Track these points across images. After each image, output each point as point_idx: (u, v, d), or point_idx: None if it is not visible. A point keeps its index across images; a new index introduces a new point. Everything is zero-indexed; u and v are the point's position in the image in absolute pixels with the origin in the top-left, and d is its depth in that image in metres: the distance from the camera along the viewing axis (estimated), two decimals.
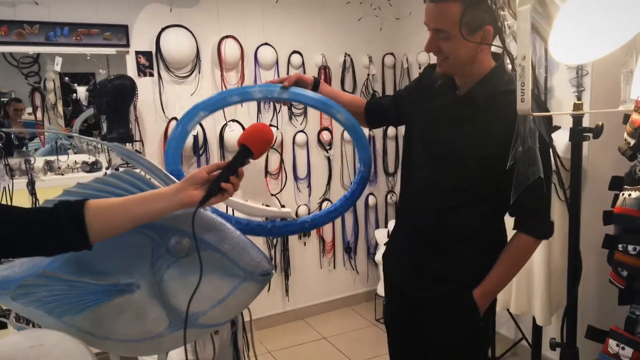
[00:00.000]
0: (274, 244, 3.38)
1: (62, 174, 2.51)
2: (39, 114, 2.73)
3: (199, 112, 1.38)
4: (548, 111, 1.34)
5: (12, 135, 2.71)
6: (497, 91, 1.31)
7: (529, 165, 0.99)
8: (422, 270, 1.48)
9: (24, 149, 2.68)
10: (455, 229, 1.42)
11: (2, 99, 2.75)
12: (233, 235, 1.21)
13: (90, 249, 1.01)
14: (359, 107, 1.70)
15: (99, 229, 1.01)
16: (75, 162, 2.60)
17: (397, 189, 3.83)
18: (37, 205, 2.21)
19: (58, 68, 2.68)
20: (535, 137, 1.03)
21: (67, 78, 2.84)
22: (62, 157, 2.62)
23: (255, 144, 1.12)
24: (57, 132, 2.85)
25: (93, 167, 2.56)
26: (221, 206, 1.35)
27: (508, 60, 1.01)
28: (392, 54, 3.60)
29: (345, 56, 3.46)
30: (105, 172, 2.26)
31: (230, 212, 1.60)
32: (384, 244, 3.07)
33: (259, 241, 3.31)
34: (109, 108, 2.69)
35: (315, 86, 1.56)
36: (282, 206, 3.28)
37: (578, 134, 1.25)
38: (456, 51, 1.31)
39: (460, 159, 1.36)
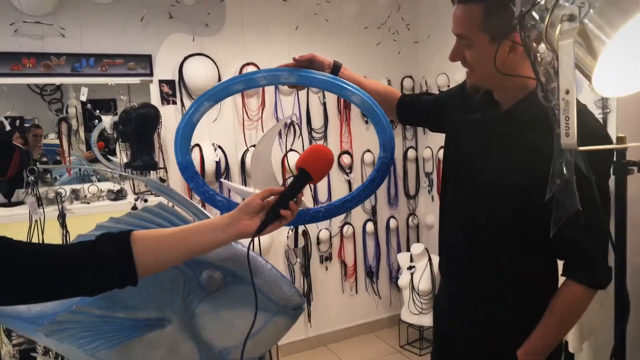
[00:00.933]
0: (293, 269, 3.36)
1: (88, 203, 2.53)
2: (60, 140, 2.77)
3: (204, 102, 1.30)
4: (609, 141, 1.21)
5: (37, 164, 2.76)
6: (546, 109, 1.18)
7: (569, 198, 0.94)
8: (457, 312, 1.39)
9: (48, 176, 2.72)
10: (493, 267, 1.29)
11: (24, 125, 2.80)
12: (264, 269, 1.19)
13: (136, 285, 0.95)
14: (390, 98, 1.56)
15: (148, 263, 0.94)
16: (101, 190, 2.62)
17: (419, 211, 3.80)
18: (68, 237, 2.22)
19: (84, 98, 2.73)
20: (572, 167, 0.97)
21: (89, 105, 2.89)
22: (87, 185, 2.65)
23: (315, 167, 1.05)
24: (84, 163, 2.89)
25: (118, 195, 2.58)
26: (235, 197, 1.30)
27: (542, 92, 0.96)
28: (410, 76, 3.61)
29: None
30: (134, 203, 2.26)
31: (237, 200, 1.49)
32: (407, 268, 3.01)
33: (279, 266, 3.29)
34: (134, 136, 2.73)
35: (334, 71, 1.42)
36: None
37: (622, 168, 1.19)
38: (480, 62, 1.19)
39: (499, 185, 1.24)
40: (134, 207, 2.24)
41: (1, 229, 2.29)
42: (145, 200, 2.23)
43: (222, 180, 2.85)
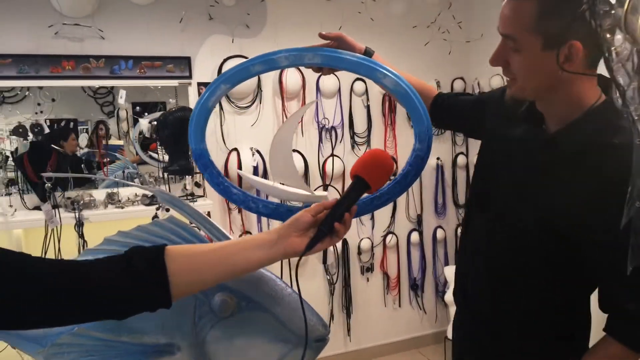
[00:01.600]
0: (334, 280, 3.21)
1: (122, 207, 2.48)
2: (98, 143, 2.76)
3: (220, 85, 1.17)
4: None
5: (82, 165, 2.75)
6: (601, 141, 0.96)
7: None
8: (473, 346, 1.24)
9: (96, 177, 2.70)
10: (517, 306, 1.13)
11: (77, 127, 2.80)
12: (284, 294, 1.06)
13: (169, 307, 0.84)
14: (424, 95, 1.36)
15: (184, 283, 0.83)
16: (136, 194, 2.57)
17: None
18: (85, 247, 2.16)
19: (122, 101, 2.70)
20: None
21: (138, 108, 2.87)
22: (123, 190, 2.61)
23: (373, 174, 0.93)
24: (130, 166, 2.86)
25: (153, 199, 2.52)
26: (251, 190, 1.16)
27: (617, 95, 0.78)
28: (462, 78, 3.39)
29: None
30: (156, 212, 2.18)
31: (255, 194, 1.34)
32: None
33: (318, 282, 3.15)
34: (170, 140, 2.67)
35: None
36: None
37: None
38: (527, 70, 1.00)
39: (533, 218, 1.06)
40: (155, 216, 2.17)
41: (33, 233, 2.31)
42: (167, 210, 2.14)
43: (238, 171, 2.74)
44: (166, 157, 2.74)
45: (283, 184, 1.23)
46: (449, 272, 3.27)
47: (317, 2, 3.03)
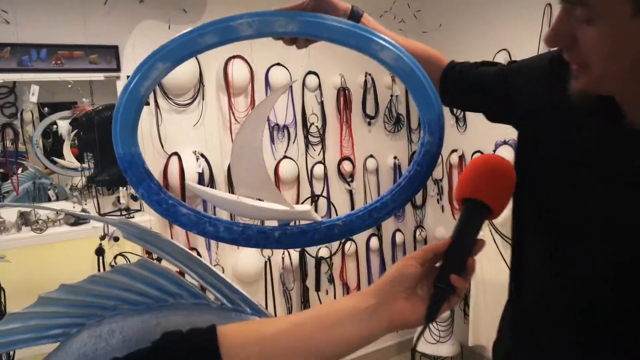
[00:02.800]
0: (290, 296, 2.90)
1: (41, 230, 2.02)
2: (4, 150, 2.25)
3: (156, 64, 0.85)
4: None
5: None
6: None
7: None
8: None
9: None
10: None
11: None
12: None
13: None
14: (432, 66, 1.08)
15: None
16: (57, 213, 2.11)
17: (426, 222, 3.39)
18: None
19: (34, 99, 2.22)
20: None
21: (46, 109, 2.39)
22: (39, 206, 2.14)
23: (494, 192, 0.65)
24: (42, 177, 2.37)
25: (79, 218, 2.08)
26: (229, 210, 0.79)
27: None
28: None
29: (366, 76, 3.04)
30: (100, 244, 1.75)
31: (214, 211, 1.00)
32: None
33: (262, 288, 2.83)
34: (98, 145, 2.23)
35: (352, 19, 0.98)
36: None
37: None
38: (608, 49, 0.69)
39: (618, 235, 0.81)
40: (99, 249, 1.73)
41: None
42: (116, 239, 1.72)
43: (189, 183, 2.34)
44: (76, 163, 2.31)
45: (251, 198, 0.90)
46: None
47: None
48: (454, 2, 2.96)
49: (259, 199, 0.91)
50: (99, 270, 1.72)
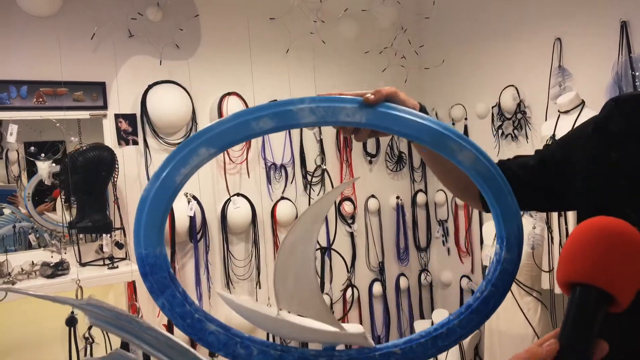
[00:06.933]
0: None
1: (14, 282, 1.82)
2: None
3: (199, 148, 0.67)
4: None
5: None
6: None
7: None
8: None
9: None
10: None
11: None
12: None
13: None
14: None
15: None
16: (33, 262, 1.92)
17: (431, 266, 3.21)
18: None
19: (12, 139, 2.05)
20: None
21: (32, 148, 2.22)
22: (15, 256, 1.94)
23: (617, 274, 0.48)
24: (21, 219, 2.18)
25: (57, 269, 1.88)
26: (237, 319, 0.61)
27: None
28: None
29: None
30: (72, 314, 1.54)
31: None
32: None
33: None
34: (80, 188, 2.05)
35: None
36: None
37: None
38: None
39: None
40: (71, 319, 1.51)
41: None
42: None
43: (218, 291, 2.15)
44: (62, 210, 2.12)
45: (296, 315, 0.72)
46: (420, 328, 2.86)
47: (259, 20, 2.58)
48: (457, 37, 2.87)
49: (307, 317, 0.75)
50: (69, 344, 1.51)
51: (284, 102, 0.70)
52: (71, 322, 1.49)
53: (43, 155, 2.26)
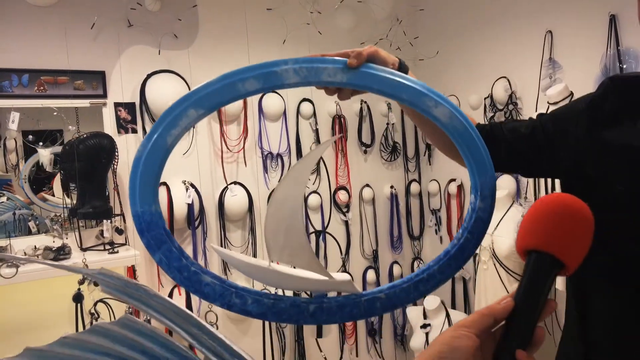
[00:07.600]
0: (283, 333, 2.74)
1: (17, 266, 1.87)
2: None
3: (188, 110, 0.73)
4: None
5: None
6: None
7: None
8: None
9: None
10: None
11: None
12: None
13: None
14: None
15: None
16: (35, 247, 1.97)
17: (424, 254, 3.28)
18: None
19: (14, 126, 2.09)
20: None
21: (30, 137, 2.27)
22: (17, 241, 1.99)
23: (569, 245, 0.55)
24: (22, 207, 2.22)
25: (59, 253, 1.93)
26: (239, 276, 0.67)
27: None
28: None
29: (361, 103, 2.97)
30: (78, 289, 1.60)
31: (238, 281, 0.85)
32: None
33: (267, 338, 2.67)
34: (81, 175, 2.10)
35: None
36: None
37: None
38: None
39: None
40: (78, 296, 1.57)
41: None
42: (97, 284, 1.59)
43: (213, 245, 2.22)
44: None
45: (286, 265, 0.78)
46: (413, 315, 2.93)
47: (257, 11, 2.63)
48: (451, 29, 2.92)
49: (297, 266, 0.80)
50: (76, 319, 1.57)
51: (269, 64, 0.75)
52: (78, 298, 1.55)
53: (41, 144, 2.31)
